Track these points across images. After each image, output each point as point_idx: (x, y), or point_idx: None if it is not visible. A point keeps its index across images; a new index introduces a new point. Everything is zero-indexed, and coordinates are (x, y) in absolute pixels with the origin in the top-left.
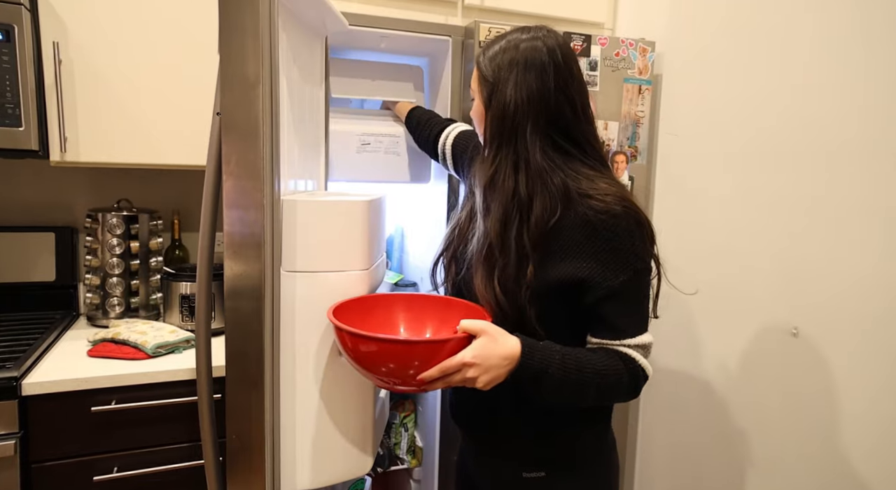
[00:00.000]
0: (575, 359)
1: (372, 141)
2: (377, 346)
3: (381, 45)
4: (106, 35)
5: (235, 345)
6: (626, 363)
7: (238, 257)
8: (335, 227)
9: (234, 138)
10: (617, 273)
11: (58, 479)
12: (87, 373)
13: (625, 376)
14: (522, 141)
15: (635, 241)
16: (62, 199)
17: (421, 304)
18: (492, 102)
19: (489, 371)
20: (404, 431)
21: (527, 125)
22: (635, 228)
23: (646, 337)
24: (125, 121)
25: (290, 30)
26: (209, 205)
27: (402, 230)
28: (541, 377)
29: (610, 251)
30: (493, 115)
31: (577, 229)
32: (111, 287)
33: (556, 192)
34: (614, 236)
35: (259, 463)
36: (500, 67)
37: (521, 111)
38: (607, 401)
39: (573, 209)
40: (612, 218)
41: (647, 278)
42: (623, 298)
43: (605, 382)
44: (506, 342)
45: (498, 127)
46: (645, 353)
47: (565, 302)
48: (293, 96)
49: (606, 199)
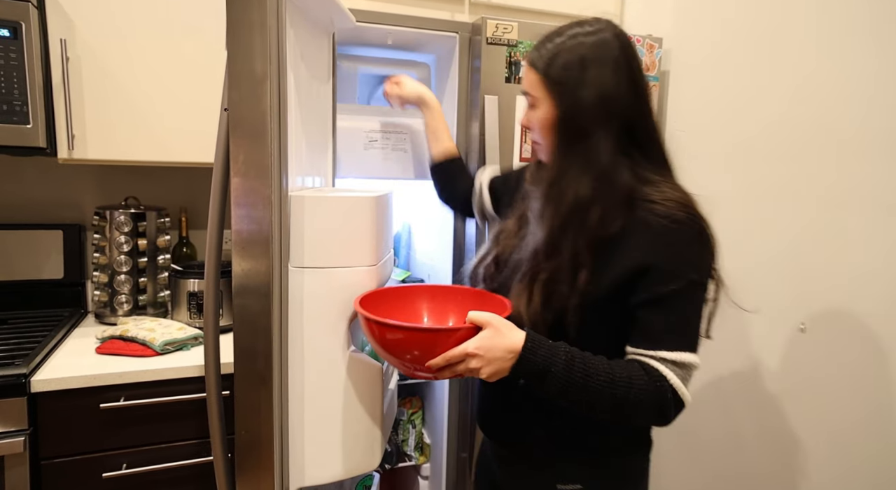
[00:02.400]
0: (584, 362)
1: (379, 137)
2: (388, 331)
3: (388, 42)
4: (113, 32)
5: (244, 341)
6: (651, 378)
7: (246, 254)
8: (343, 223)
9: (241, 135)
10: (667, 280)
11: (67, 476)
12: (96, 370)
13: (647, 394)
14: (594, 143)
15: (694, 250)
16: (70, 196)
17: (446, 295)
18: (562, 105)
19: (492, 363)
20: (412, 428)
21: (599, 126)
22: (696, 238)
23: (687, 356)
24: (133, 118)
25: (297, 26)
26: (217, 201)
27: (409, 227)
28: (544, 375)
29: (665, 256)
30: (563, 117)
31: (635, 234)
32: (119, 284)
33: (619, 196)
34: (672, 242)
35: (268, 459)
36: (569, 66)
37: (596, 111)
38: (627, 419)
39: (634, 214)
40: (672, 223)
41: (700, 292)
42: (668, 307)
43: (620, 394)
44: (511, 335)
45: (569, 130)
46: (681, 374)
47: (610, 315)
48: (301, 93)
49: (668, 205)
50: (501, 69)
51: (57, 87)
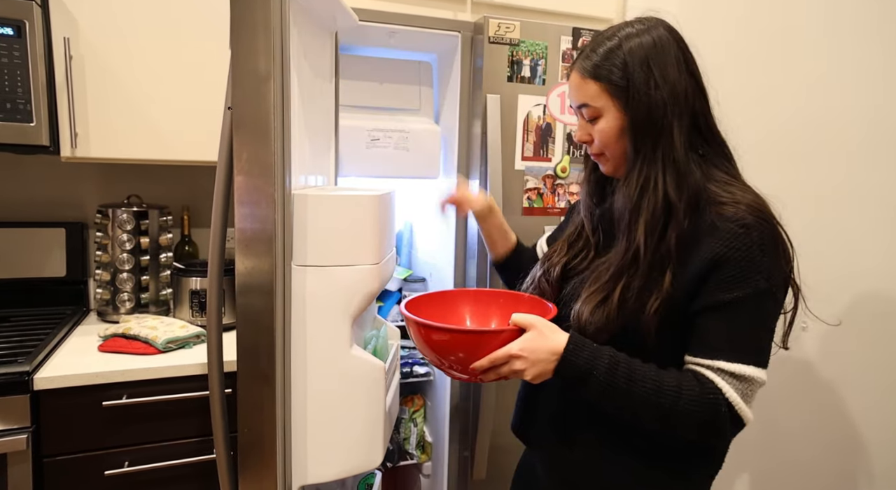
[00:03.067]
0: (629, 367)
1: (381, 136)
2: (434, 333)
3: (390, 41)
4: (116, 31)
5: (247, 339)
6: (704, 389)
7: (249, 252)
8: (346, 222)
9: (245, 133)
10: (732, 286)
11: (70, 474)
12: (98, 368)
13: (699, 407)
14: (670, 142)
15: (764, 255)
16: (73, 194)
17: (489, 299)
18: (632, 108)
19: (536, 364)
20: (413, 426)
21: (673, 124)
22: (767, 242)
23: (749, 369)
24: (135, 116)
25: (300, 25)
26: (220, 199)
27: (411, 226)
28: (586, 378)
29: (731, 261)
30: (636, 121)
31: (703, 238)
32: (121, 282)
33: (691, 195)
34: (740, 247)
35: (270, 457)
36: (632, 68)
37: (669, 110)
38: (677, 431)
39: (703, 216)
40: (741, 228)
41: (769, 302)
42: (731, 315)
43: (667, 404)
44: (555, 337)
45: (645, 133)
46: (740, 388)
47: (681, 324)
48: (304, 91)
49: (739, 207)
50: (503, 68)
51: (60, 86)
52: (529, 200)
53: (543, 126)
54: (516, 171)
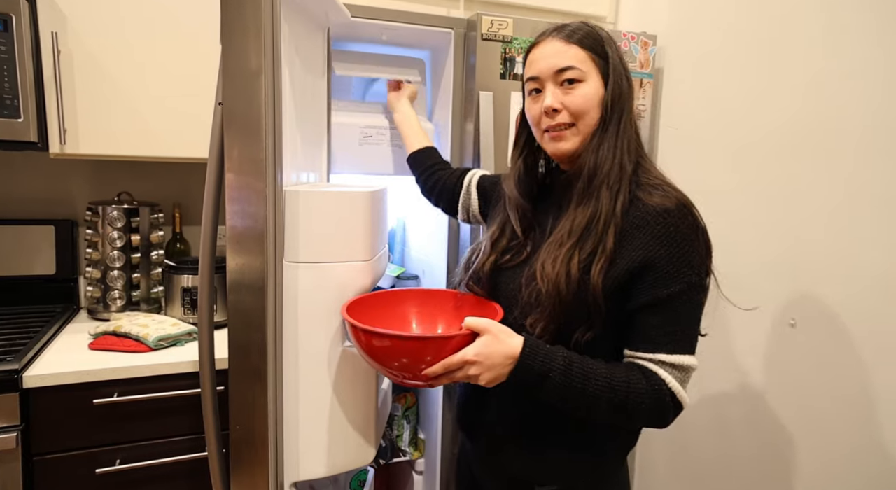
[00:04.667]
0: (582, 367)
1: (374, 133)
2: (379, 340)
3: (383, 38)
4: (105, 25)
5: (239, 337)
6: (650, 382)
7: (241, 249)
8: (338, 218)
9: (235, 130)
10: (667, 282)
11: (60, 472)
12: (89, 365)
13: (647, 397)
14: (629, 118)
15: (693, 249)
16: (62, 191)
17: (434, 299)
18: (611, 81)
19: (491, 369)
20: (406, 423)
21: (631, 104)
22: (693, 234)
23: (685, 358)
24: (125, 112)
25: (292, 20)
26: (211, 196)
27: (404, 223)
28: (542, 381)
29: (665, 258)
30: (613, 92)
31: (639, 227)
32: (112, 280)
33: (633, 171)
34: (672, 243)
35: (262, 454)
36: (609, 44)
37: (627, 92)
38: (626, 422)
39: (638, 198)
40: (671, 219)
41: (698, 294)
42: (666, 311)
43: (619, 399)
44: (510, 342)
45: (616, 106)
46: (680, 377)
47: (614, 315)
48: (295, 87)
49: (668, 196)
50: (496, 65)
51: (48, 81)
52: None
53: None
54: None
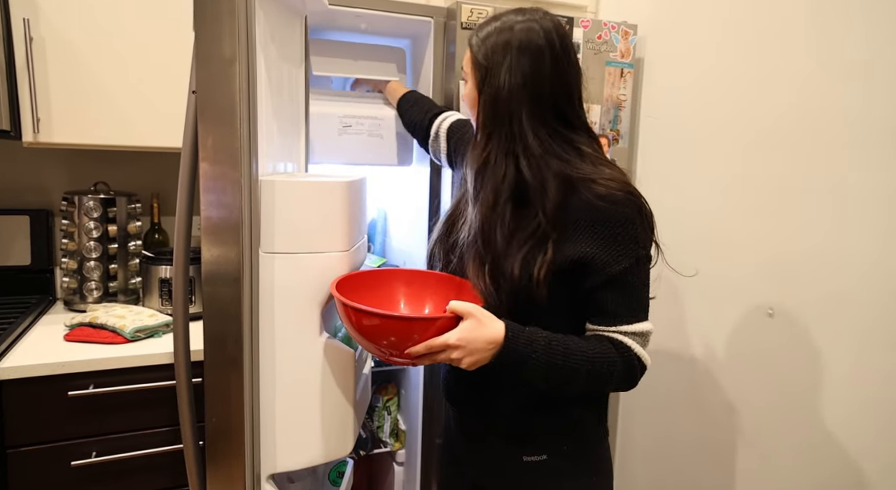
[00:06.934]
0: (562, 344)
1: (354, 123)
2: (368, 319)
3: (362, 26)
4: (78, 12)
5: (214, 328)
6: (619, 351)
7: (216, 240)
8: (314, 208)
9: (210, 117)
10: (618, 260)
11: (35, 465)
12: (64, 357)
13: (618, 364)
14: (518, 126)
15: (637, 228)
16: (37, 181)
17: (422, 280)
18: (485, 87)
19: (473, 354)
20: (387, 414)
21: (521, 110)
22: (637, 216)
23: (644, 325)
24: (100, 101)
25: (266, 7)
26: (185, 186)
27: (385, 214)
28: (525, 362)
29: (611, 238)
30: (486, 99)
31: (581, 212)
32: (89, 271)
33: (553, 176)
34: (616, 224)
35: (238, 446)
36: (494, 50)
37: (516, 96)
38: (600, 388)
39: (576, 194)
40: (613, 204)
41: (647, 266)
42: (622, 286)
43: (596, 369)
44: (492, 326)
45: (491, 111)
46: (642, 342)
47: (566, 287)
48: (271, 75)
49: (610, 185)
50: None
51: (20, 69)
52: None
53: None
54: None
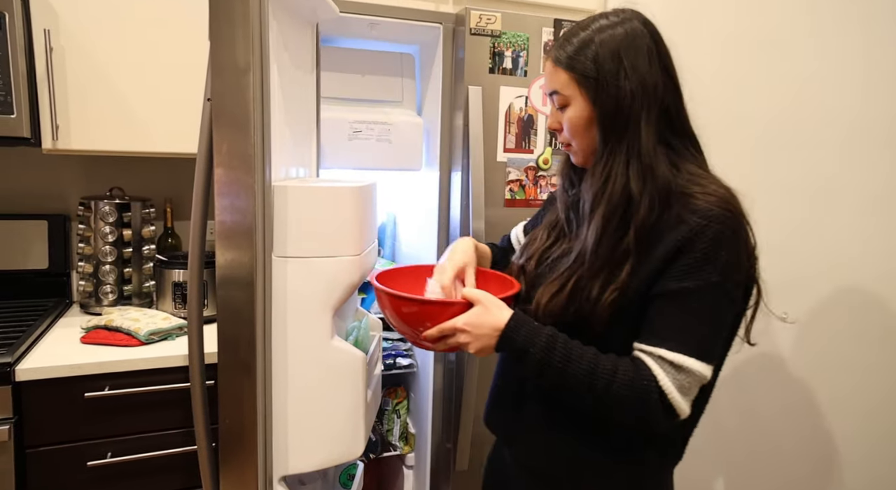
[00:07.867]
0: (566, 347)
1: (363, 128)
2: (389, 300)
3: (372, 33)
4: (97, 23)
5: (228, 331)
6: (638, 376)
7: (230, 244)
8: (326, 213)
9: (224, 125)
10: (683, 276)
11: (52, 465)
12: (81, 359)
13: (630, 392)
14: (637, 134)
15: (721, 250)
16: (55, 186)
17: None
18: (600, 99)
19: (479, 339)
20: (397, 418)
21: (641, 116)
22: (728, 237)
23: (689, 361)
24: (117, 108)
25: (280, 16)
26: (200, 192)
27: (395, 218)
28: (523, 355)
29: (686, 252)
30: (604, 113)
31: (670, 230)
32: (104, 275)
33: (661, 187)
34: (699, 239)
35: (251, 447)
36: (602, 59)
37: (637, 102)
38: (610, 414)
39: (671, 208)
40: (703, 219)
41: (719, 296)
42: (677, 305)
43: (601, 385)
44: (498, 313)
45: (612, 124)
46: (678, 379)
47: (628, 323)
48: (284, 83)
49: (709, 199)
50: (485, 60)
51: (41, 78)
52: (511, 192)
53: (525, 118)
54: (498, 163)
